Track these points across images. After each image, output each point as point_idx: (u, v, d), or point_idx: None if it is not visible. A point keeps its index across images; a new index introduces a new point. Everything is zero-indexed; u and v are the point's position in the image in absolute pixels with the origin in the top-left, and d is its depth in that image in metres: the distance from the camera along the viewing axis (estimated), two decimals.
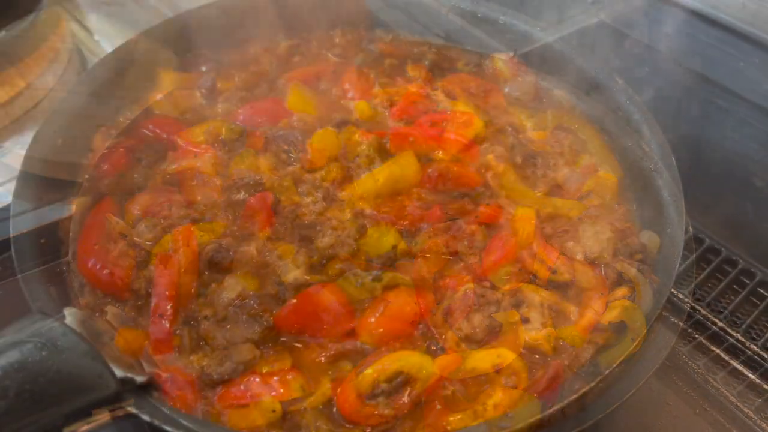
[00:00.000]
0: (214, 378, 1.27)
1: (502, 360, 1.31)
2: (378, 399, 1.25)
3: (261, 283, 1.42)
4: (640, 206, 1.60)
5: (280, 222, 1.51)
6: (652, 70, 2.00)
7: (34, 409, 1.03)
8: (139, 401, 1.15)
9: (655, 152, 1.59)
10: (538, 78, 1.87)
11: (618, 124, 1.71)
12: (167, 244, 1.43)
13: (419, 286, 1.40)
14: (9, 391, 1.01)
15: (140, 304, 1.39)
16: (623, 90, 1.71)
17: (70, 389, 1.08)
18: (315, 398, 1.27)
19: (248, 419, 1.24)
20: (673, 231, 1.45)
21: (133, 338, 1.33)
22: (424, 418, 1.27)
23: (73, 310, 1.26)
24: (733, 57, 1.91)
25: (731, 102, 1.95)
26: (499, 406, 1.27)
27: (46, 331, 1.12)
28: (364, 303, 1.40)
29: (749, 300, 1.77)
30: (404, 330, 1.36)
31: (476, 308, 1.37)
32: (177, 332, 1.33)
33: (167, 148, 1.65)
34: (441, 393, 1.29)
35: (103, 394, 1.10)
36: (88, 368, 1.10)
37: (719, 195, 1.94)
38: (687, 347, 1.68)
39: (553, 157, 1.66)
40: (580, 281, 1.47)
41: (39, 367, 1.08)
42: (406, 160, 1.60)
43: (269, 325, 1.34)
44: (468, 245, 1.47)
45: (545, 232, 1.54)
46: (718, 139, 1.98)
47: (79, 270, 1.42)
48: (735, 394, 1.60)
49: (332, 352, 1.33)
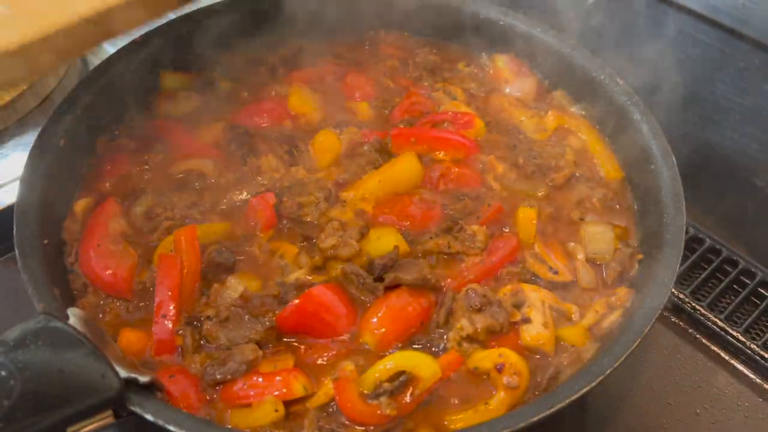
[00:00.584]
0: (217, 378, 1.28)
1: (503, 360, 1.31)
2: (380, 399, 1.25)
3: (263, 284, 1.43)
4: (641, 206, 1.61)
5: (282, 223, 1.52)
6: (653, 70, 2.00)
7: (38, 409, 1.04)
8: (142, 401, 1.15)
9: (655, 152, 1.59)
10: (539, 78, 1.88)
11: (618, 124, 1.71)
12: (170, 245, 1.44)
13: (421, 287, 1.41)
14: (13, 392, 1.02)
15: (143, 305, 1.40)
16: (624, 90, 1.71)
17: (73, 389, 1.08)
18: (317, 398, 1.28)
19: (251, 419, 1.24)
20: (673, 231, 1.45)
21: (136, 339, 1.33)
22: (426, 417, 1.27)
23: (77, 311, 1.27)
24: (732, 57, 1.92)
25: (732, 102, 1.96)
26: (500, 405, 1.27)
27: (50, 331, 1.12)
28: (366, 303, 1.40)
29: (749, 300, 1.77)
30: (406, 330, 1.37)
31: (478, 308, 1.37)
32: (180, 332, 1.33)
33: (170, 149, 1.65)
34: (443, 392, 1.30)
35: (107, 394, 1.10)
36: (92, 368, 1.11)
37: (720, 195, 1.95)
38: (687, 347, 1.68)
39: (554, 157, 1.67)
40: (581, 281, 1.48)
41: (43, 367, 1.08)
42: (408, 161, 1.61)
43: (272, 325, 1.35)
44: (469, 246, 1.48)
45: (546, 233, 1.55)
46: (719, 139, 1.99)
47: (82, 271, 1.43)
48: (735, 394, 1.60)
49: (334, 353, 1.34)
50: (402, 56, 1.93)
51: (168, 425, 1.13)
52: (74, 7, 1.32)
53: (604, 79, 1.75)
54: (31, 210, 1.42)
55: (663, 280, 1.36)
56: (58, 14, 1.30)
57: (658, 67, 2.00)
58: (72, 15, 1.31)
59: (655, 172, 1.57)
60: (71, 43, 1.34)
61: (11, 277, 1.71)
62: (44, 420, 1.04)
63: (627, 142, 1.69)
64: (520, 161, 1.67)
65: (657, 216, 1.51)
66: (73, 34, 1.32)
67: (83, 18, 1.32)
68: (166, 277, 1.37)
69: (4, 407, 1.00)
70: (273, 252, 1.47)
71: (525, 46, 1.89)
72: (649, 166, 1.59)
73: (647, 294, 1.37)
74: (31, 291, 1.29)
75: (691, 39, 1.98)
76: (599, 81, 1.76)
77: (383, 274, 1.41)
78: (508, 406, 1.28)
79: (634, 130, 1.66)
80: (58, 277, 1.39)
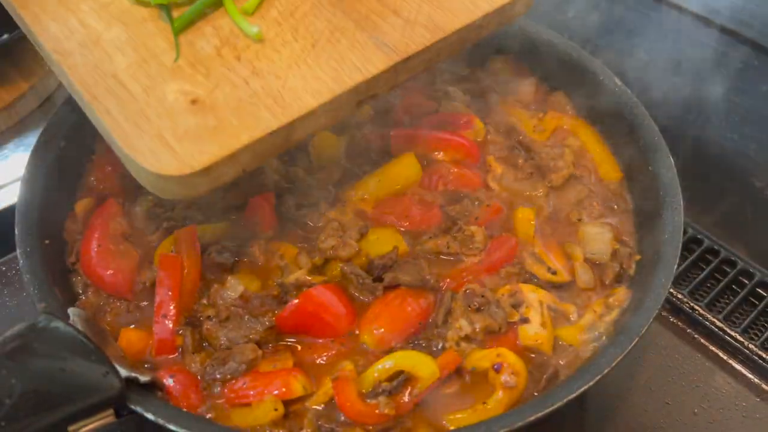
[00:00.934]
0: (217, 377, 1.29)
1: (501, 359, 1.32)
2: (379, 398, 1.26)
3: (263, 284, 1.44)
4: (639, 207, 1.61)
5: (282, 223, 1.53)
6: (652, 71, 2.01)
7: (39, 408, 1.05)
8: (143, 400, 1.16)
9: (654, 153, 1.60)
10: (538, 79, 1.88)
11: (617, 125, 1.72)
12: (170, 245, 1.45)
13: (420, 287, 1.41)
14: (14, 390, 1.03)
15: (144, 305, 1.40)
16: (623, 91, 1.72)
17: (74, 388, 1.09)
18: (317, 397, 1.28)
19: (251, 418, 1.25)
20: (671, 231, 1.46)
21: (136, 338, 1.34)
22: (424, 417, 1.28)
23: (78, 310, 1.28)
24: (732, 58, 1.92)
25: (730, 103, 1.96)
26: (499, 405, 1.28)
27: (51, 330, 1.13)
28: (365, 303, 1.41)
29: (748, 300, 1.78)
30: (405, 330, 1.37)
31: (476, 309, 1.38)
32: (180, 332, 1.34)
33: None
34: (441, 392, 1.30)
35: (108, 393, 1.11)
36: (93, 367, 1.12)
37: (718, 196, 1.95)
38: (686, 347, 1.69)
39: (553, 158, 1.67)
40: (579, 281, 1.48)
41: (44, 366, 1.09)
42: (407, 162, 1.61)
43: (271, 325, 1.35)
44: (468, 246, 1.48)
45: (545, 233, 1.55)
46: (718, 140, 1.99)
47: (83, 271, 1.44)
48: (734, 394, 1.61)
49: (333, 352, 1.35)
50: None
51: (168, 424, 1.14)
52: (264, 124, 1.22)
53: (603, 80, 1.75)
54: (33, 210, 1.43)
55: (661, 281, 1.37)
56: (246, 131, 1.21)
57: (656, 68, 2.01)
58: (261, 131, 1.22)
59: (654, 173, 1.58)
60: (254, 156, 1.24)
61: (12, 277, 1.73)
62: (45, 419, 1.05)
63: (626, 143, 1.69)
64: (519, 162, 1.68)
65: (655, 216, 1.51)
66: (257, 148, 1.22)
67: (271, 132, 1.22)
68: (166, 277, 1.38)
69: (6, 406, 1.01)
70: (273, 252, 1.48)
71: (524, 47, 1.89)
72: (648, 166, 1.59)
73: (645, 294, 1.37)
74: (32, 291, 1.30)
75: (690, 40, 1.98)
76: (598, 82, 1.76)
77: (382, 274, 1.42)
78: (506, 406, 1.28)
79: (633, 131, 1.66)
80: (58, 277, 1.40)
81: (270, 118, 1.23)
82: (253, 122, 1.23)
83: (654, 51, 2.07)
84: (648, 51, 2.08)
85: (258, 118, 1.23)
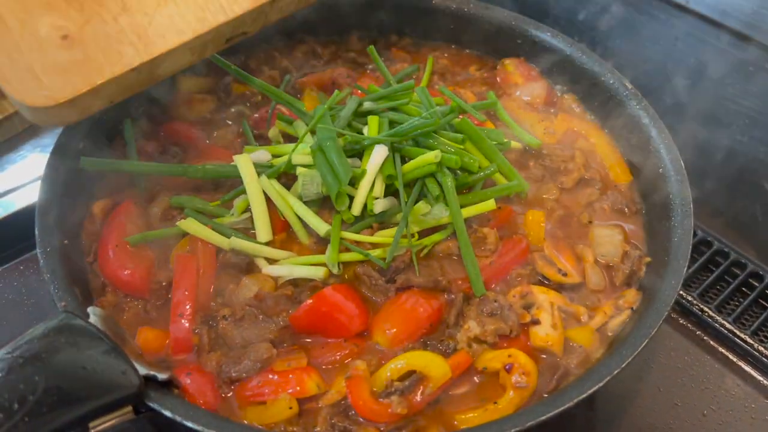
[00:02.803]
0: (233, 376, 1.31)
1: (512, 360, 1.33)
2: (392, 397, 1.27)
3: (277, 284, 1.45)
4: (649, 209, 1.62)
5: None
6: (662, 74, 2.02)
7: (61, 405, 1.07)
8: (160, 398, 1.18)
9: (664, 156, 1.61)
10: (548, 82, 1.89)
11: (627, 128, 1.73)
12: (186, 245, 1.47)
13: (432, 288, 1.43)
14: (38, 387, 1.05)
15: (160, 304, 1.42)
16: (632, 94, 1.73)
17: (95, 386, 1.11)
18: (330, 396, 1.30)
19: (265, 416, 1.27)
20: (681, 234, 1.47)
21: (153, 337, 1.36)
22: (436, 416, 1.30)
23: (97, 309, 1.30)
24: (741, 60, 1.93)
25: (741, 106, 1.97)
26: (509, 405, 1.29)
27: (72, 329, 1.15)
28: (377, 304, 1.43)
29: (757, 302, 1.78)
30: (417, 331, 1.39)
31: (488, 311, 1.39)
32: (196, 331, 1.36)
33: (186, 151, 1.68)
34: (453, 392, 1.32)
35: (127, 390, 1.13)
36: (113, 365, 1.14)
37: (728, 198, 1.95)
38: (695, 349, 1.69)
39: (564, 160, 1.69)
40: (589, 283, 1.49)
41: (65, 364, 1.11)
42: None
43: (285, 324, 1.37)
44: (480, 248, 1.49)
45: (556, 235, 1.57)
46: (728, 142, 1.99)
47: (101, 270, 1.46)
48: (743, 396, 1.62)
49: (347, 352, 1.36)
50: (414, 60, 1.96)
51: (186, 421, 1.16)
52: (127, 59, 1.35)
53: (613, 83, 1.77)
54: (52, 211, 1.45)
55: (670, 283, 1.38)
56: (110, 66, 1.33)
57: (667, 71, 2.02)
58: (123, 66, 1.35)
59: (664, 176, 1.59)
60: (119, 89, 1.38)
61: (29, 276, 1.76)
62: (67, 415, 1.07)
63: (636, 146, 1.70)
64: (529, 164, 1.69)
65: (665, 219, 1.53)
66: (121, 82, 1.36)
67: (132, 68, 1.35)
68: (182, 277, 1.40)
69: (30, 402, 1.03)
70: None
71: (535, 51, 1.91)
72: (658, 169, 1.60)
73: (655, 296, 1.38)
74: (52, 290, 1.32)
75: (701, 43, 1.99)
76: (608, 85, 1.77)
77: (395, 275, 1.43)
78: (516, 406, 1.29)
79: (643, 134, 1.67)
80: (77, 277, 1.41)
81: (133, 54, 1.34)
82: (117, 58, 1.33)
83: (664, 54, 2.08)
84: (658, 54, 2.09)
85: (122, 54, 1.34)
